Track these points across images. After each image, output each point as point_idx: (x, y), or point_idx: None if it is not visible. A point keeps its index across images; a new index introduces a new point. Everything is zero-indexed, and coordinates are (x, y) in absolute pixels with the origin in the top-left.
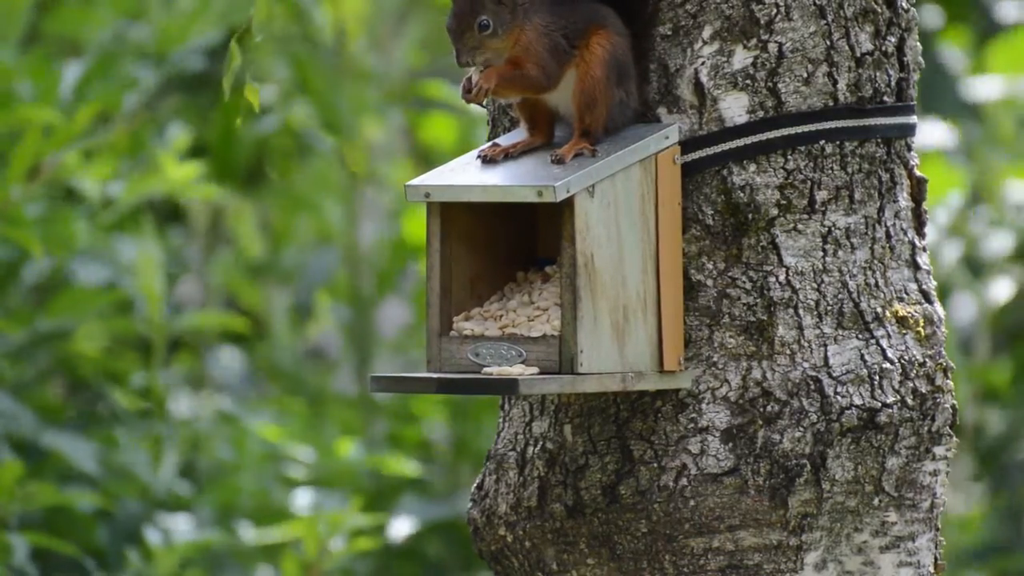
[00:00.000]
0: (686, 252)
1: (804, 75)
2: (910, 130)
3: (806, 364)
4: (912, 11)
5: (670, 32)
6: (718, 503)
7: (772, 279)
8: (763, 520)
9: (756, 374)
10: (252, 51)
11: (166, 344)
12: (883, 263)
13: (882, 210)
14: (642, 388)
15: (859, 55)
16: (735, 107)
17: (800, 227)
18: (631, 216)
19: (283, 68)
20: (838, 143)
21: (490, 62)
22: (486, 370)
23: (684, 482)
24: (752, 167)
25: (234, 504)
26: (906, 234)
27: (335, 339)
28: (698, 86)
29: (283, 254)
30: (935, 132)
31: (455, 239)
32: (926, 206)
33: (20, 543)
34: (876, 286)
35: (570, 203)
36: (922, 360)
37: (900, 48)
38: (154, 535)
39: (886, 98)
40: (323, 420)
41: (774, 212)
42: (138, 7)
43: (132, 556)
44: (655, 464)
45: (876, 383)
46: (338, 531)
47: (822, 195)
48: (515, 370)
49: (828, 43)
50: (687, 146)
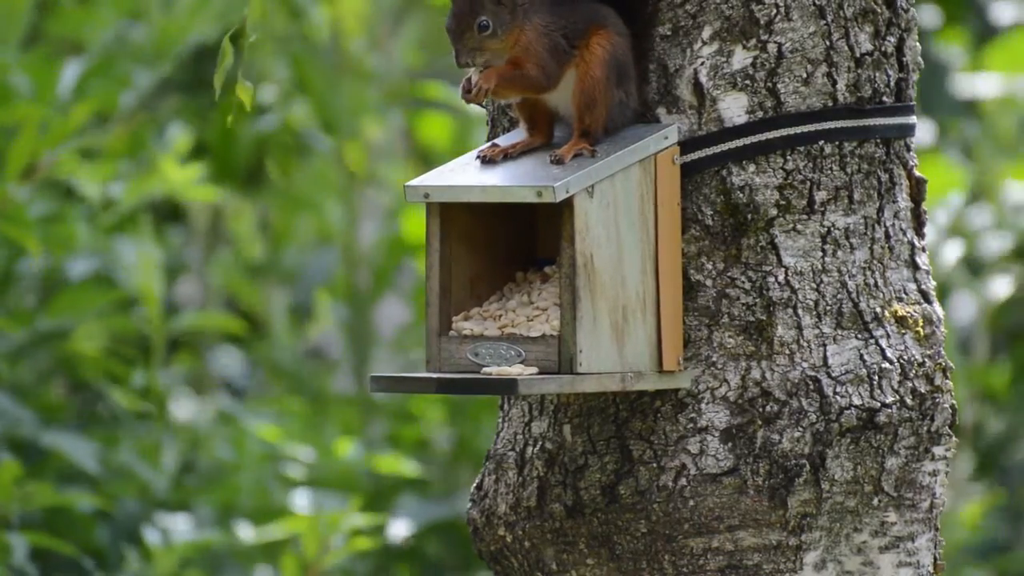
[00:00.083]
0: (685, 252)
1: (803, 75)
2: (909, 130)
3: (805, 364)
4: (912, 11)
5: (670, 32)
6: (717, 503)
7: (771, 279)
8: (762, 520)
9: (755, 374)
10: (248, 50)
11: (166, 344)
12: (882, 263)
13: (881, 210)
14: (641, 388)
15: (858, 55)
16: (734, 107)
17: (799, 227)
18: (630, 216)
19: (282, 68)
20: (837, 143)
21: (490, 63)
22: (485, 370)
23: (683, 482)
24: (751, 167)
25: (234, 504)
26: (905, 234)
27: (335, 339)
28: (697, 86)
29: (283, 254)
30: (933, 131)
31: (454, 239)
32: (925, 206)
33: (20, 543)
34: (875, 286)
35: (569, 203)
36: (921, 360)
37: (899, 48)
38: (153, 535)
39: (885, 98)
40: (323, 420)
41: (773, 212)
42: (138, 7)
43: (131, 556)
44: (654, 464)
45: (875, 383)
46: (337, 531)
47: (821, 195)
48: (514, 370)
49: (827, 43)
50: (686, 146)
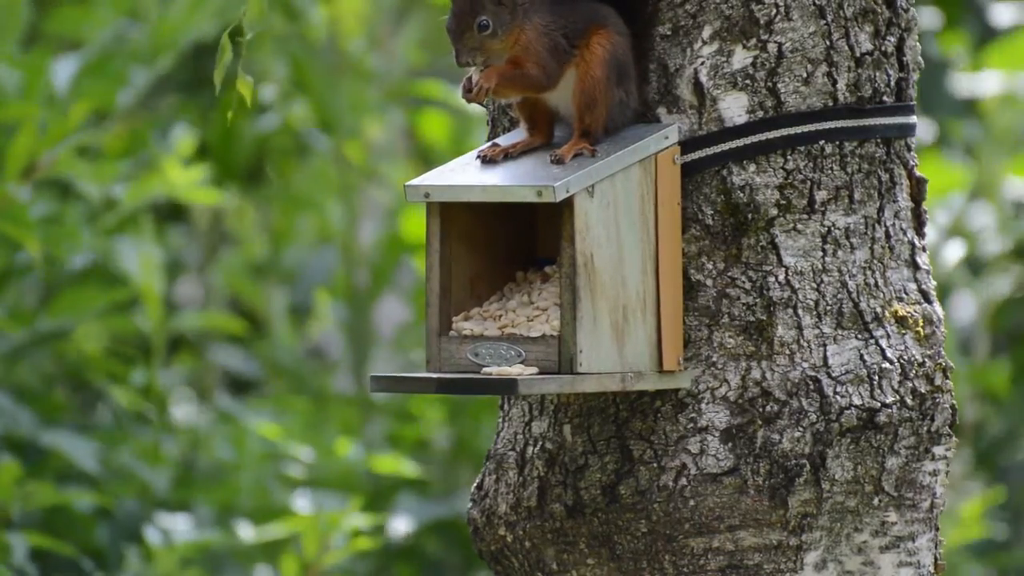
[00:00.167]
0: (686, 252)
1: (804, 75)
2: (910, 130)
3: (805, 364)
4: (912, 11)
5: (670, 32)
6: (718, 503)
7: (771, 279)
8: (763, 520)
9: (755, 374)
10: (247, 48)
11: (166, 344)
12: (882, 263)
13: (882, 210)
14: (641, 388)
15: (859, 55)
16: (735, 107)
17: (800, 227)
18: (631, 216)
19: (281, 67)
20: (838, 143)
21: (490, 62)
22: (485, 370)
23: (684, 482)
24: (752, 167)
25: (234, 504)
26: (905, 234)
27: (335, 339)
28: (698, 86)
29: (283, 254)
30: (934, 131)
31: (455, 239)
32: (926, 206)
33: (20, 543)
34: (875, 286)
35: (570, 203)
36: (921, 360)
37: (900, 48)
38: (153, 535)
39: (885, 98)
40: (323, 420)
41: (773, 212)
42: (136, 5)
43: (131, 556)
44: (655, 464)
45: (875, 383)
46: (337, 531)
47: (822, 195)
48: (514, 370)
49: (828, 43)
50: (687, 146)
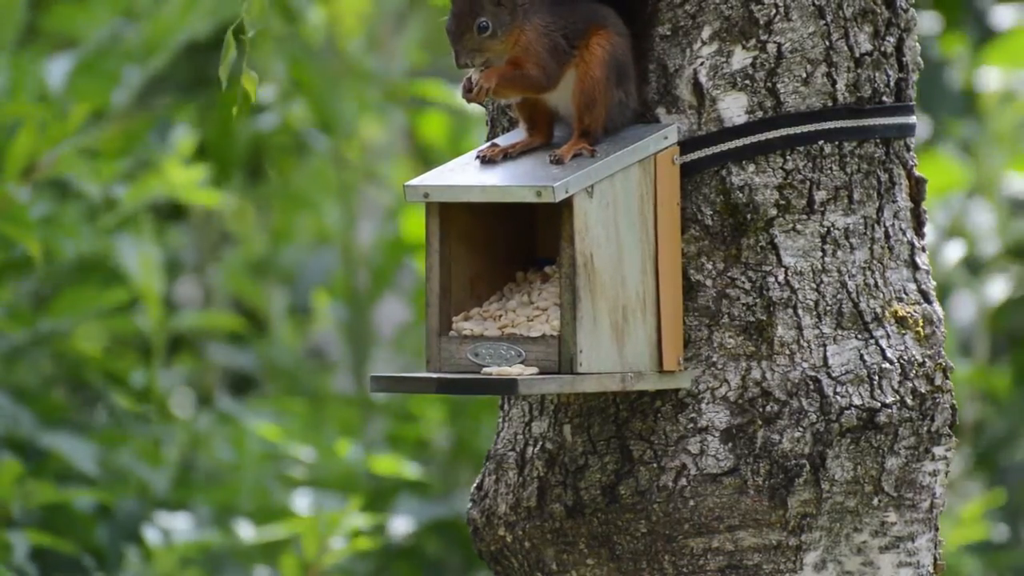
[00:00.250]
0: (685, 252)
1: (803, 75)
2: (909, 130)
3: (805, 364)
4: (911, 11)
5: (669, 32)
6: (718, 503)
7: (771, 279)
8: (762, 520)
9: (755, 374)
10: (247, 47)
11: (166, 344)
12: (882, 263)
13: (881, 210)
14: (641, 388)
15: (858, 55)
16: (734, 107)
17: (799, 227)
18: (630, 216)
19: (280, 67)
20: (837, 143)
21: (489, 63)
22: (485, 370)
23: (684, 482)
24: (751, 167)
25: (233, 504)
26: (905, 234)
27: (335, 339)
28: (697, 86)
29: (281, 253)
30: (931, 129)
31: (454, 239)
32: (925, 206)
33: (20, 541)
34: (875, 286)
35: (569, 203)
36: (921, 360)
37: (899, 48)
38: (153, 534)
39: (885, 98)
40: (322, 420)
41: (773, 212)
42: (131, 4)
43: (131, 556)
44: (655, 464)
45: (875, 383)
46: (337, 531)
47: (821, 195)
48: (514, 370)
49: (827, 43)
50: (686, 146)
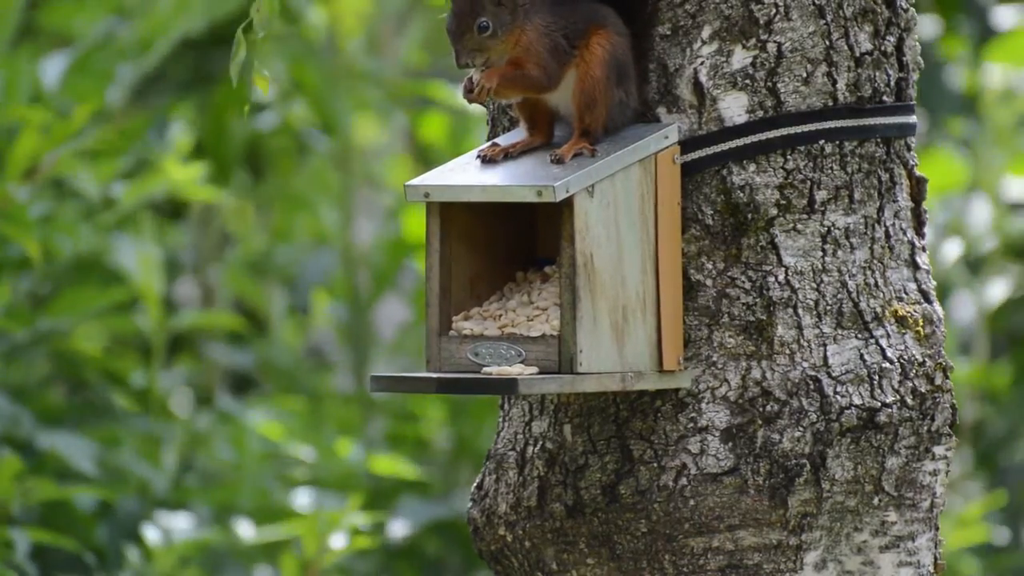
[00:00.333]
0: (685, 252)
1: (803, 75)
2: (909, 130)
3: (805, 364)
4: (911, 11)
5: (669, 32)
6: (718, 503)
7: (771, 279)
8: (763, 520)
9: (756, 374)
10: (250, 48)
11: (166, 343)
12: (882, 263)
13: (881, 210)
14: (641, 388)
15: (858, 55)
16: (734, 107)
17: (799, 227)
18: (630, 216)
19: (281, 67)
20: (837, 143)
21: (490, 63)
22: (486, 370)
23: (684, 482)
24: (751, 167)
25: (233, 503)
26: (905, 234)
27: (334, 339)
28: (697, 86)
29: (280, 253)
30: (929, 126)
31: (455, 239)
32: (925, 206)
33: (21, 539)
34: (875, 286)
35: (569, 203)
36: (921, 360)
37: (899, 48)
38: (153, 534)
39: (885, 98)
40: (322, 419)
41: (773, 212)
42: (125, 2)
43: (131, 554)
44: (655, 464)
45: (876, 383)
46: (337, 530)
47: (821, 195)
48: (514, 370)
49: (827, 43)
50: (686, 146)
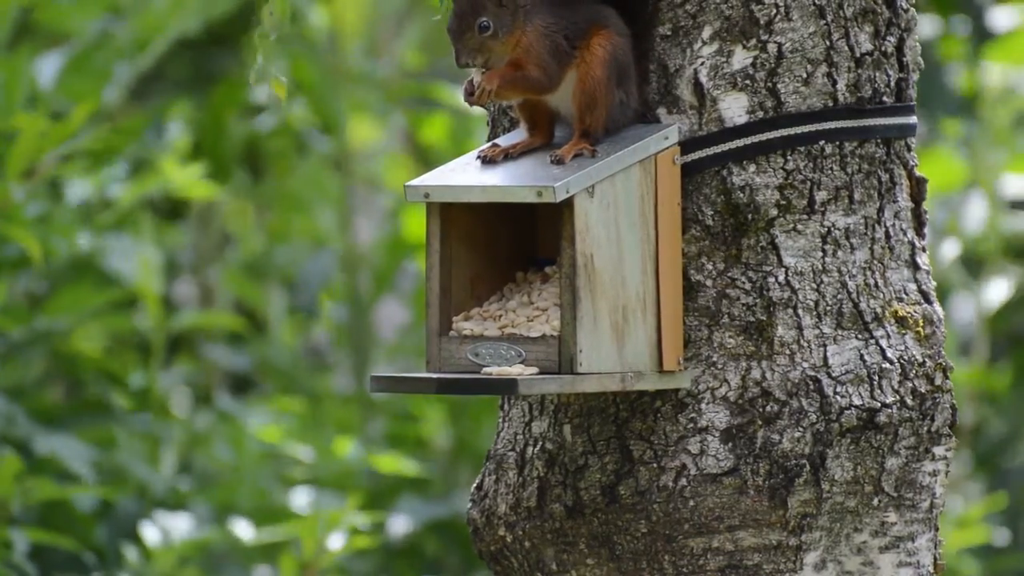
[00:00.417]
0: (686, 252)
1: (804, 75)
2: (910, 130)
3: (805, 364)
4: (912, 11)
5: (670, 32)
6: (718, 503)
7: (771, 279)
8: (763, 520)
9: (755, 374)
10: (250, 49)
11: (165, 343)
12: (882, 263)
13: (882, 210)
14: (641, 388)
15: (859, 55)
16: (735, 107)
17: (799, 227)
18: (631, 217)
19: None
20: (838, 143)
21: (490, 63)
22: (486, 370)
23: (684, 482)
24: (752, 167)
25: (232, 503)
26: (905, 234)
27: (332, 339)
28: (698, 86)
29: (279, 253)
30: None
31: (455, 239)
32: (926, 206)
33: (20, 539)
34: (875, 286)
35: (570, 204)
36: (921, 360)
37: (900, 48)
38: (152, 533)
39: (885, 98)
40: (322, 419)
41: (773, 212)
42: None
43: (130, 554)
44: (655, 464)
45: (875, 383)
46: (336, 530)
47: (822, 195)
48: (514, 370)
49: (828, 43)
50: (687, 146)
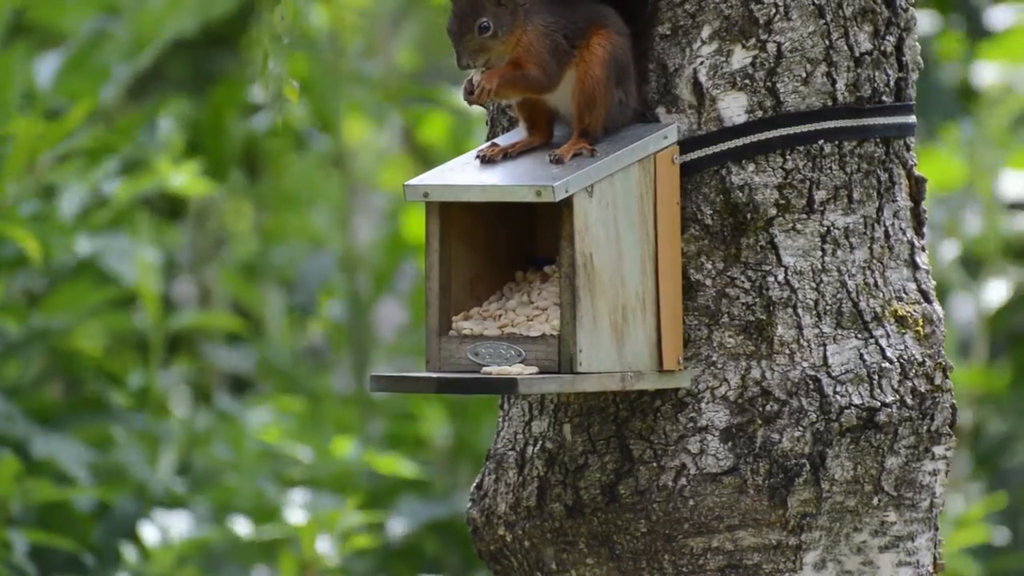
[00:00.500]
0: (685, 252)
1: (803, 75)
2: (909, 130)
3: (805, 364)
4: (911, 11)
5: (669, 32)
6: (717, 503)
7: (771, 279)
8: (762, 520)
9: (755, 373)
10: (250, 49)
11: (164, 343)
12: (882, 263)
13: (881, 210)
14: (641, 387)
15: (858, 55)
16: (734, 107)
17: (799, 227)
18: (630, 216)
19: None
20: (837, 143)
21: (491, 64)
22: (485, 369)
23: (683, 482)
24: (751, 167)
25: (231, 502)
26: (905, 234)
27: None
28: (697, 86)
29: (277, 253)
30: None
31: (454, 239)
32: (925, 206)
33: (19, 539)
34: (875, 286)
35: (569, 203)
36: (921, 359)
37: (899, 48)
38: (151, 533)
39: (885, 98)
40: (321, 419)
41: (773, 212)
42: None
43: (129, 554)
44: (654, 464)
45: (875, 382)
46: (335, 530)
47: (821, 195)
48: (514, 369)
49: (827, 43)
50: (686, 146)
